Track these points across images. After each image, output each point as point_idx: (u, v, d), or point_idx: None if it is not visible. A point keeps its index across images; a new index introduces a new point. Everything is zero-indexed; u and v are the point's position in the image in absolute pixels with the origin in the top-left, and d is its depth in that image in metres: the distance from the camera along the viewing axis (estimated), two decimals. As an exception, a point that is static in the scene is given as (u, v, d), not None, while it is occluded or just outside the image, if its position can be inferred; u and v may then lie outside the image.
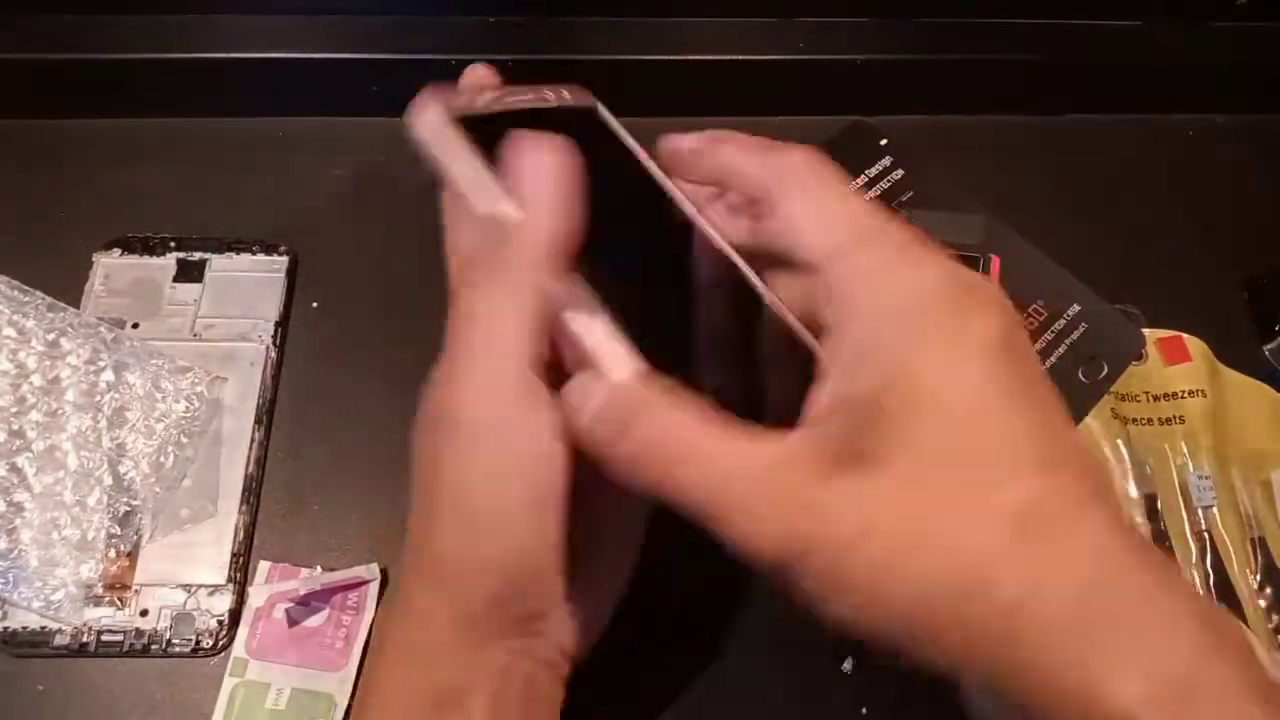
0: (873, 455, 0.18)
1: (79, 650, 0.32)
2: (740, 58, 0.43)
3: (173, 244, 0.39)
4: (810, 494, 0.18)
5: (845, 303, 0.19)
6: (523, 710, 0.24)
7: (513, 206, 0.22)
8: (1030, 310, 0.39)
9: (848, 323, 0.19)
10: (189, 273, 0.39)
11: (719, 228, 0.25)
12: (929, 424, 0.18)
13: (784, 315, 0.23)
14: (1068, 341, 0.39)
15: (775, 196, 0.21)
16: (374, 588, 0.33)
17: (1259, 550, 0.36)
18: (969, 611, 0.17)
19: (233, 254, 0.39)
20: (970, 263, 0.41)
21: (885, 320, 0.19)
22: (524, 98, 0.26)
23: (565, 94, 0.27)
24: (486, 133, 0.24)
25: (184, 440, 0.35)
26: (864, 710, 0.33)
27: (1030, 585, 0.17)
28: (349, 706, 0.32)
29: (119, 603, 0.33)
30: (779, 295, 0.24)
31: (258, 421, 0.36)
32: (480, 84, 0.26)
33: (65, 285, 0.38)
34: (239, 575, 0.34)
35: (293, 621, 0.33)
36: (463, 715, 0.23)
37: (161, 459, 0.35)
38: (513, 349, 0.21)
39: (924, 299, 0.19)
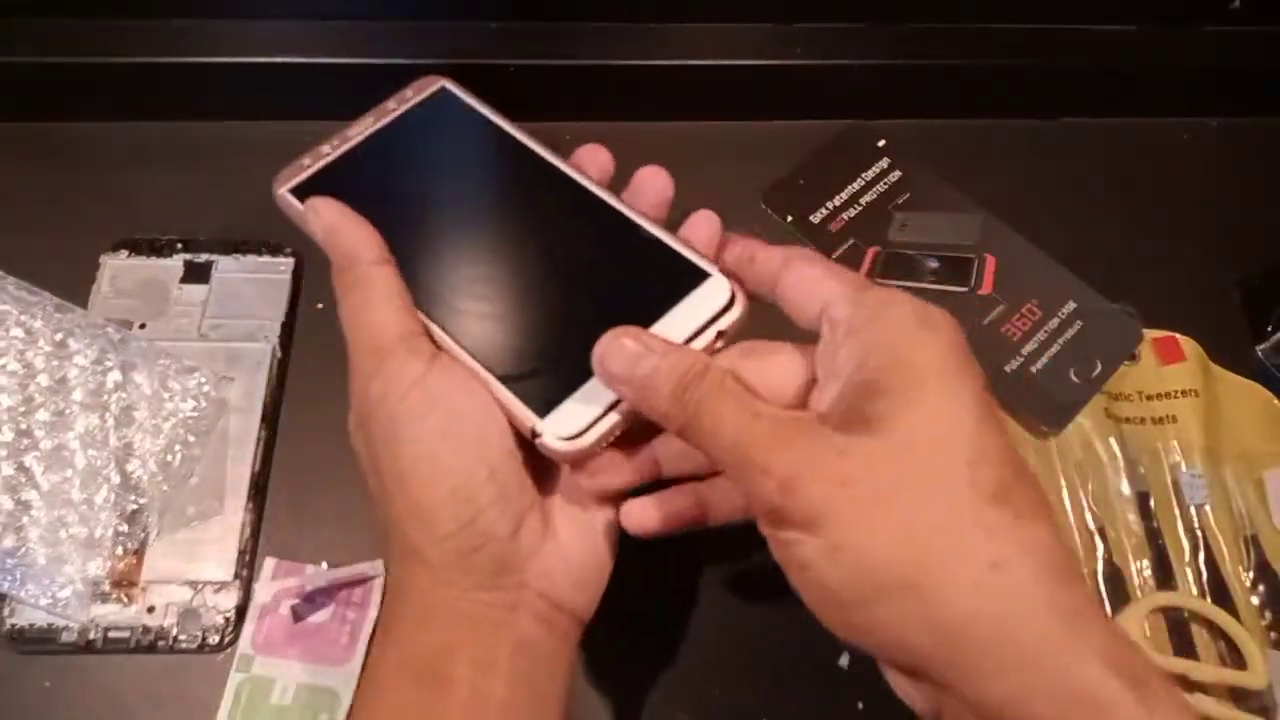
0: (877, 420, 0.22)
1: (86, 647, 0.32)
2: (738, 63, 0.43)
3: (179, 245, 0.40)
4: (824, 437, 0.22)
5: (862, 317, 0.24)
6: (516, 665, 0.25)
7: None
8: (1024, 309, 0.40)
9: (865, 327, 0.24)
10: (195, 274, 0.39)
11: (584, 173, 0.30)
12: (926, 402, 0.22)
13: (660, 234, 0.28)
14: (1062, 340, 0.39)
15: (792, 269, 0.26)
16: (379, 584, 0.34)
17: (1251, 548, 0.36)
18: (948, 560, 0.20)
19: (239, 255, 0.40)
20: (966, 263, 0.41)
21: (893, 326, 0.23)
22: (364, 125, 0.31)
23: (409, 94, 0.32)
24: (342, 174, 0.30)
25: (191, 439, 0.35)
26: (860, 705, 0.33)
27: (1008, 550, 0.20)
28: (354, 701, 0.32)
29: (126, 600, 0.33)
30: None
31: (263, 420, 0.36)
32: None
33: (73, 286, 0.38)
34: (245, 572, 0.34)
35: (298, 617, 0.33)
36: (449, 670, 0.24)
37: (168, 458, 0.35)
38: (390, 331, 0.26)
39: (925, 321, 0.24)
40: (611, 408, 0.25)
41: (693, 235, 0.28)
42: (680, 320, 0.26)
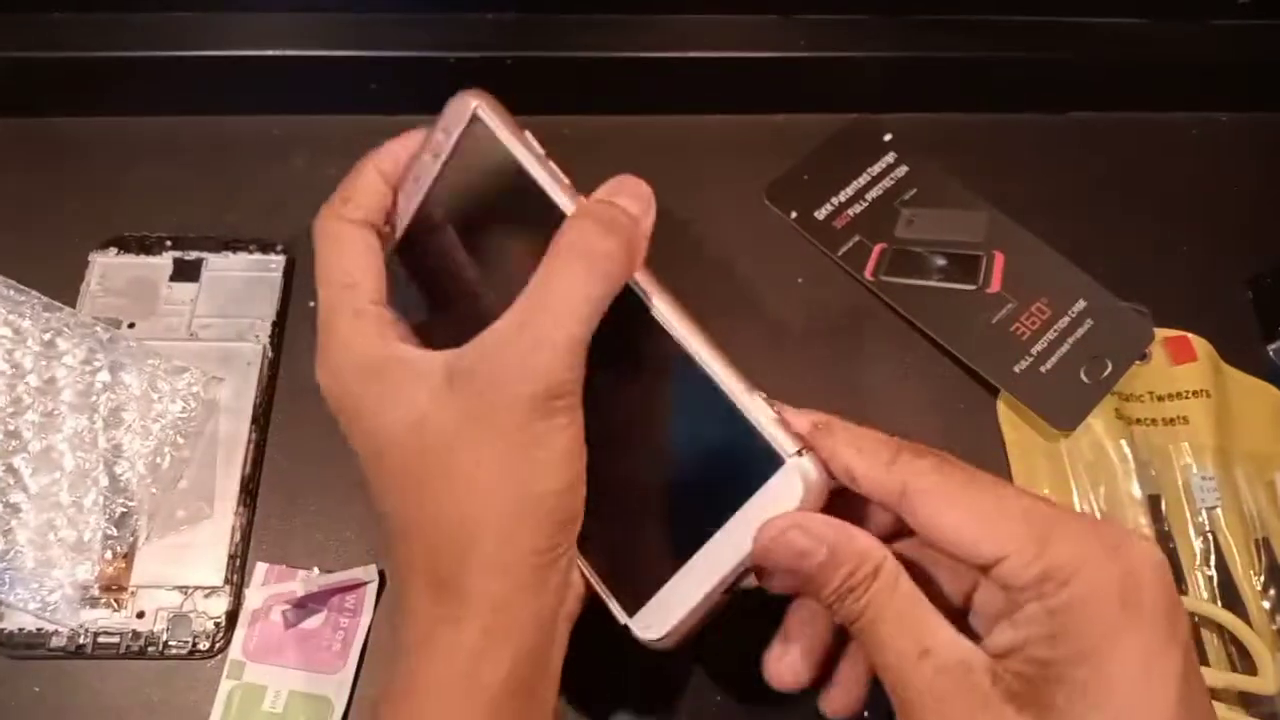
0: (1056, 712, 0.19)
1: (75, 652, 0.32)
2: (742, 55, 0.42)
3: (169, 243, 0.39)
4: (994, 712, 0.19)
5: (1052, 586, 0.20)
6: (554, 651, 0.25)
7: None
8: (1034, 308, 0.39)
9: (1053, 598, 0.20)
10: (185, 272, 0.38)
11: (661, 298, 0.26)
12: (1112, 706, 0.19)
13: (736, 396, 0.24)
14: (1072, 339, 0.38)
15: (917, 506, 0.22)
16: (372, 589, 0.33)
17: (1263, 551, 0.35)
18: None
19: (229, 253, 0.39)
20: (974, 260, 0.40)
21: (1090, 609, 0.20)
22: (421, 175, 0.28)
23: (445, 128, 0.28)
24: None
25: (180, 441, 0.35)
26: (865, 714, 0.33)
27: None
28: (346, 709, 0.32)
29: (115, 604, 0.32)
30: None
31: (254, 422, 0.36)
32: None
33: (61, 284, 0.37)
34: (236, 577, 0.33)
35: (290, 624, 0.33)
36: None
37: (158, 460, 0.34)
38: (582, 350, 0.24)
39: (1130, 600, 0.20)
40: (700, 601, 0.24)
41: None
42: (755, 514, 0.23)
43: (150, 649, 0.32)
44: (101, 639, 0.32)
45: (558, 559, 0.24)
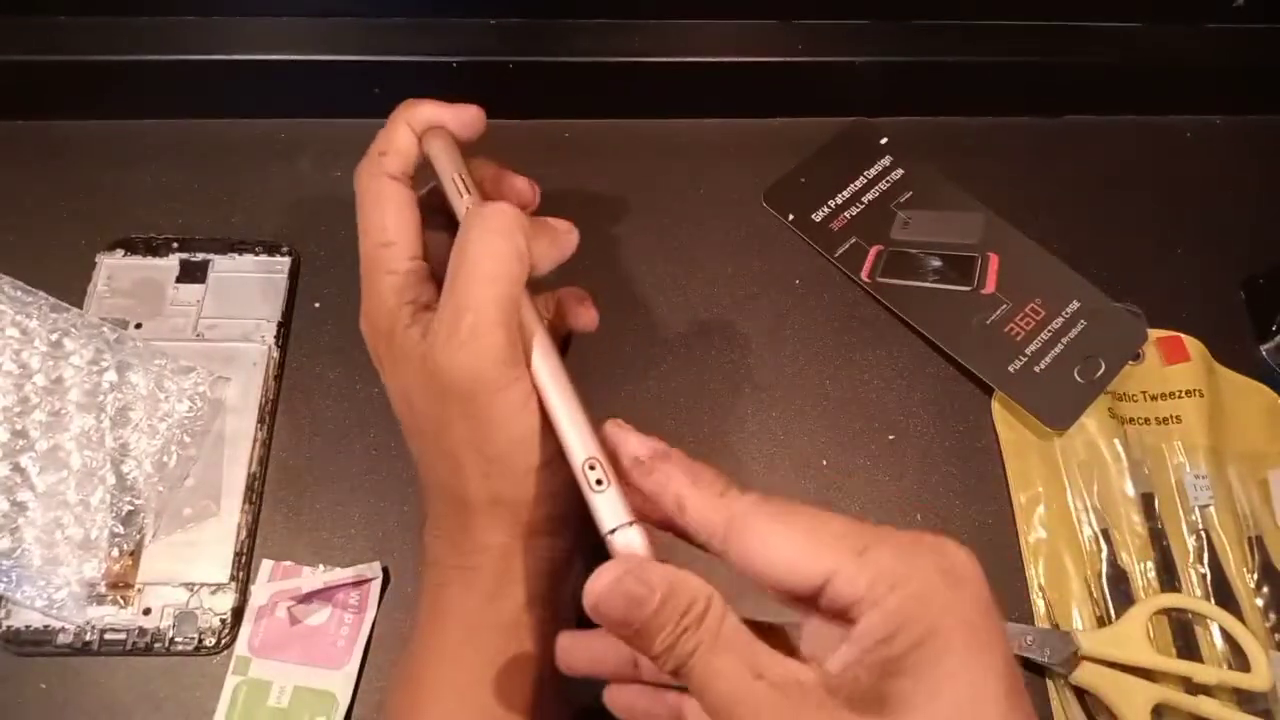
0: (894, 703, 0.20)
1: (82, 649, 0.32)
2: (740, 59, 0.43)
3: (175, 245, 0.39)
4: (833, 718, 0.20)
5: (881, 589, 0.21)
6: (558, 589, 0.28)
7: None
8: (1028, 308, 0.40)
9: (885, 598, 0.20)
10: (192, 273, 0.39)
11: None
12: (948, 690, 0.20)
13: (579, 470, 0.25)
14: (1066, 340, 0.39)
15: (745, 533, 0.22)
16: (376, 586, 0.34)
17: (1256, 549, 0.36)
18: None
19: (235, 255, 0.39)
20: (969, 262, 0.41)
21: (920, 595, 0.20)
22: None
23: (427, 161, 0.30)
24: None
25: (187, 440, 0.35)
26: None
27: None
28: (351, 703, 0.32)
29: (122, 601, 0.33)
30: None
31: (260, 421, 0.36)
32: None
33: (69, 286, 0.38)
34: (241, 574, 0.34)
35: (295, 620, 0.33)
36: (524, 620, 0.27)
37: (164, 458, 0.35)
38: (506, 318, 0.25)
39: (952, 579, 0.21)
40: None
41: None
42: None
43: (156, 645, 0.32)
44: (108, 636, 0.32)
45: (554, 525, 0.27)
